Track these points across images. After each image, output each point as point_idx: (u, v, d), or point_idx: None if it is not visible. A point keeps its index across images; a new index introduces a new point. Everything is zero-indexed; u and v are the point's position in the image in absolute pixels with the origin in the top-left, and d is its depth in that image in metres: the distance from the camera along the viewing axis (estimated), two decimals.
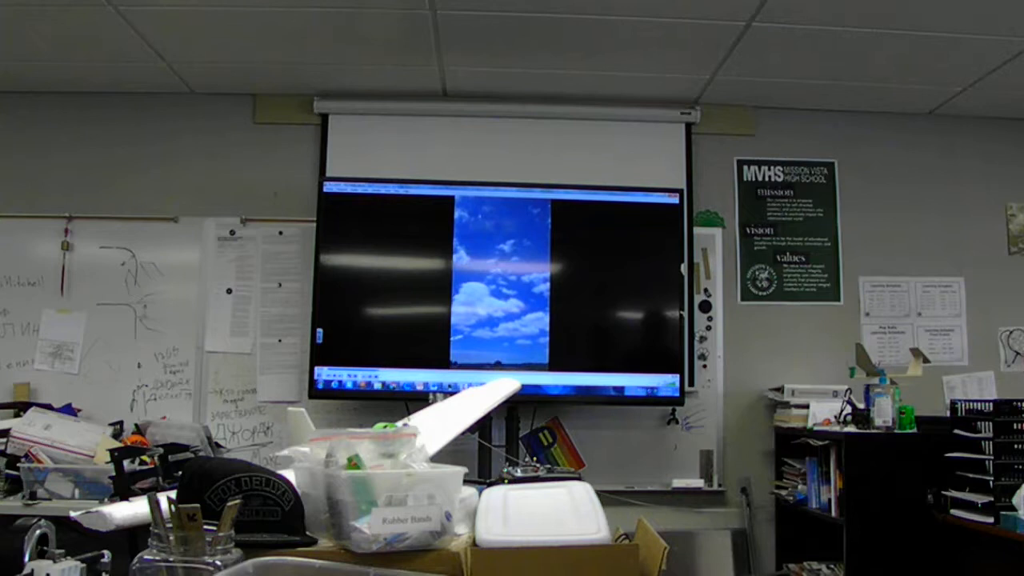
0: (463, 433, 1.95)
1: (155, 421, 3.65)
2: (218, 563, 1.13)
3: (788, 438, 3.79)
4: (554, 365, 3.72)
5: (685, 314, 3.92)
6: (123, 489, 2.63)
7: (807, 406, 3.70)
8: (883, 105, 4.20)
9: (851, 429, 3.37)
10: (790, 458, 3.82)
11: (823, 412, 3.61)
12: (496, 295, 3.76)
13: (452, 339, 3.72)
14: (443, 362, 3.70)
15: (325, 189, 3.80)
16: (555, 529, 1.37)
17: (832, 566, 3.56)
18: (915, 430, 3.34)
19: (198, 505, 1.15)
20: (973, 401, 3.31)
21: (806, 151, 4.27)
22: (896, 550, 3.22)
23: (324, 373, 3.69)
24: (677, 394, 3.77)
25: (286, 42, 3.61)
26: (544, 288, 3.78)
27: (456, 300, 3.75)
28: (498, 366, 3.68)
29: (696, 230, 4.15)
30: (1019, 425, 3.05)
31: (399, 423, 1.64)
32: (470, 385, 2.92)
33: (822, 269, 4.20)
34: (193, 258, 4.04)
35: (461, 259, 3.77)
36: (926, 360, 3.61)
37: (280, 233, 4.07)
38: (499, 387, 2.34)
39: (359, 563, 1.23)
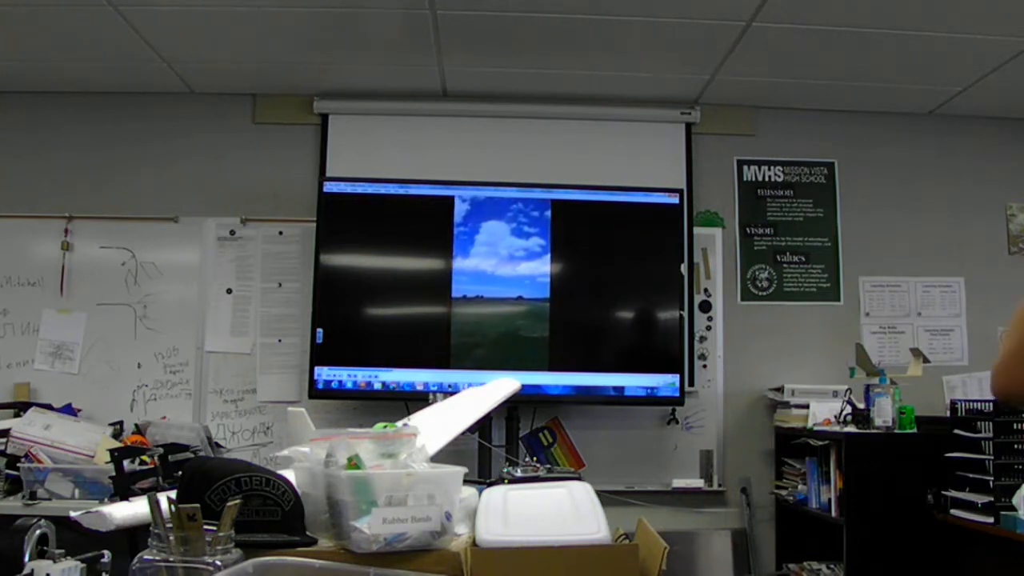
0: (463, 433, 1.95)
1: (155, 421, 3.65)
2: (218, 563, 1.12)
3: (788, 438, 3.79)
4: (554, 365, 3.72)
5: (685, 314, 3.92)
6: (123, 489, 2.63)
7: (807, 406, 3.70)
8: (883, 105, 4.20)
9: (851, 429, 3.37)
10: (790, 458, 3.82)
11: (823, 412, 3.61)
12: (495, 295, 3.76)
13: (452, 341, 3.72)
14: (443, 362, 3.70)
15: (325, 189, 3.80)
16: (555, 529, 1.37)
17: (832, 566, 3.56)
18: (915, 430, 3.34)
19: (198, 505, 1.15)
20: (973, 401, 3.31)
21: (806, 151, 4.27)
22: (896, 550, 3.22)
23: (324, 373, 3.69)
24: (677, 394, 3.77)
25: (286, 42, 3.61)
26: (544, 288, 3.77)
27: (455, 300, 3.75)
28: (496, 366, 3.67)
29: (696, 230, 4.15)
30: (1019, 425, 3.06)
31: (399, 423, 1.64)
32: (470, 385, 2.92)
33: (822, 269, 4.20)
34: (193, 258, 4.04)
35: (461, 259, 3.77)
36: (926, 360, 3.61)
37: (280, 233, 4.07)
38: (499, 387, 2.34)
39: (359, 563, 1.23)
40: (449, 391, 3.48)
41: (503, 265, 3.78)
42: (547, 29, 3.43)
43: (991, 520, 2.97)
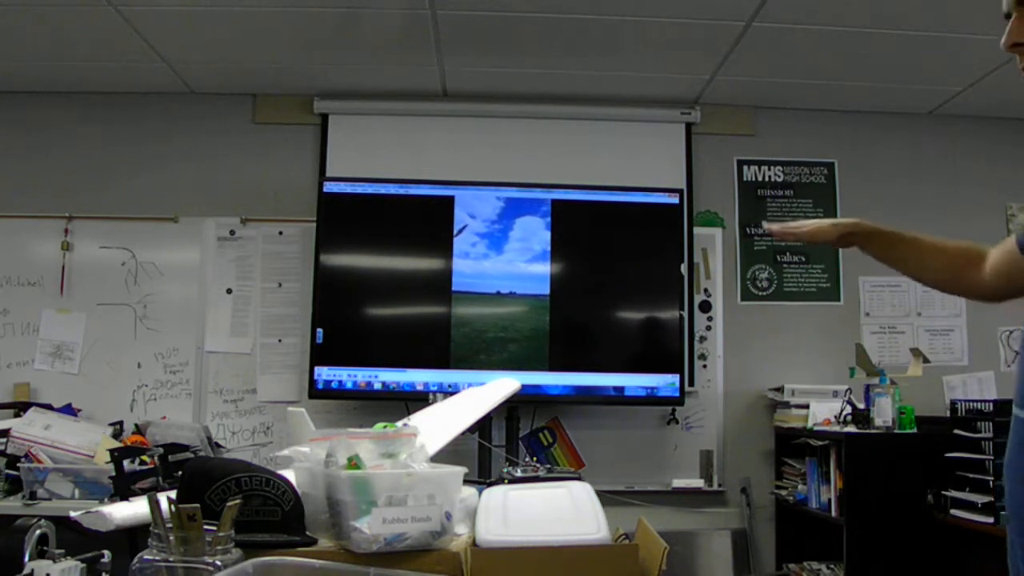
0: (463, 433, 1.95)
1: (155, 421, 3.65)
2: (218, 563, 1.12)
3: (788, 438, 3.79)
4: (554, 365, 3.72)
5: (685, 314, 3.92)
6: (123, 489, 2.63)
7: (807, 406, 3.70)
8: (883, 105, 4.20)
9: (851, 429, 3.37)
10: (790, 458, 3.82)
11: (823, 412, 3.61)
12: (496, 295, 3.76)
13: (452, 341, 3.72)
14: (443, 362, 3.70)
15: (325, 189, 3.80)
16: (555, 529, 1.37)
17: (832, 566, 3.56)
18: (915, 430, 3.34)
19: (198, 505, 1.15)
20: (973, 401, 3.31)
21: (806, 151, 4.27)
22: (896, 550, 3.22)
23: (324, 373, 3.69)
24: (677, 394, 3.77)
25: (286, 42, 3.61)
26: (544, 288, 3.77)
27: (455, 300, 3.75)
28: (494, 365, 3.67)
29: (696, 230, 4.15)
30: None
31: (399, 423, 1.64)
32: (470, 385, 2.92)
33: (822, 269, 4.20)
34: (193, 258, 4.04)
35: (461, 259, 3.77)
36: (926, 360, 3.61)
37: (280, 233, 4.07)
38: (499, 387, 2.34)
39: (359, 563, 1.23)
40: (449, 391, 3.48)
41: (503, 265, 3.78)
42: (547, 29, 3.43)
43: (991, 520, 2.97)
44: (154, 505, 1.14)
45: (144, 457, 3.01)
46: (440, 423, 1.92)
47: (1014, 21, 1.43)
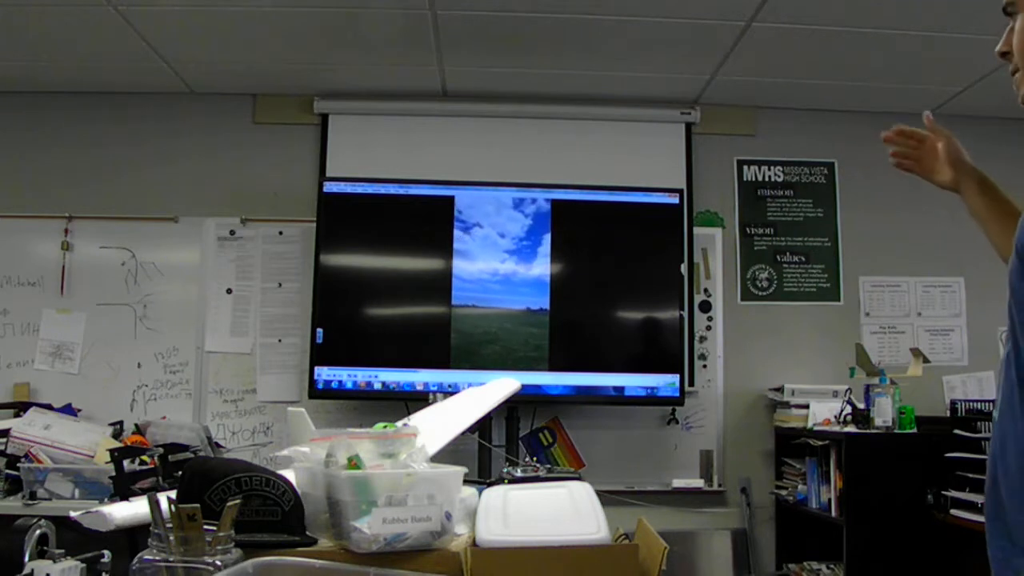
0: (463, 433, 1.95)
1: (155, 421, 3.65)
2: (218, 563, 1.12)
3: (788, 438, 3.79)
4: (554, 365, 3.72)
5: (685, 314, 3.92)
6: (123, 489, 2.63)
7: (807, 406, 3.70)
8: (883, 105, 4.19)
9: (851, 429, 3.37)
10: (790, 458, 3.82)
11: (823, 412, 3.61)
12: (495, 295, 3.76)
13: (452, 341, 3.72)
14: (443, 362, 3.70)
15: (325, 189, 3.80)
16: (555, 529, 1.37)
17: (832, 566, 3.56)
18: (915, 430, 3.34)
19: (198, 505, 1.15)
20: (973, 401, 3.32)
21: (806, 151, 4.27)
22: (896, 550, 3.22)
23: (324, 373, 3.69)
24: (677, 394, 3.77)
25: (286, 42, 3.61)
26: (544, 288, 3.77)
27: (455, 300, 3.74)
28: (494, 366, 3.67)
29: (696, 230, 4.15)
30: None
31: (399, 423, 1.64)
32: (470, 385, 2.92)
33: (822, 269, 4.20)
34: (193, 258, 4.04)
35: (461, 259, 3.77)
36: (926, 360, 3.61)
37: (280, 233, 4.07)
38: (499, 387, 2.34)
39: (359, 563, 1.23)
40: (449, 391, 3.48)
41: (503, 264, 3.78)
42: (547, 29, 3.43)
43: None
44: (154, 505, 1.14)
45: (144, 457, 3.00)
46: (440, 423, 1.92)
47: (1009, 28, 1.38)
